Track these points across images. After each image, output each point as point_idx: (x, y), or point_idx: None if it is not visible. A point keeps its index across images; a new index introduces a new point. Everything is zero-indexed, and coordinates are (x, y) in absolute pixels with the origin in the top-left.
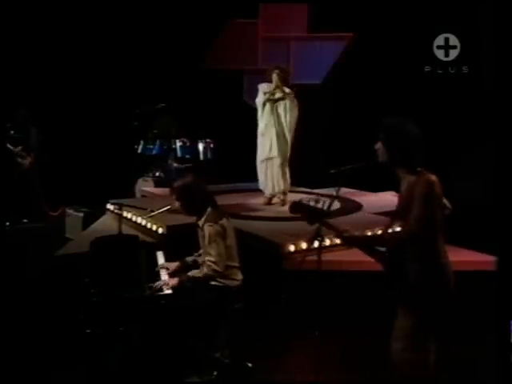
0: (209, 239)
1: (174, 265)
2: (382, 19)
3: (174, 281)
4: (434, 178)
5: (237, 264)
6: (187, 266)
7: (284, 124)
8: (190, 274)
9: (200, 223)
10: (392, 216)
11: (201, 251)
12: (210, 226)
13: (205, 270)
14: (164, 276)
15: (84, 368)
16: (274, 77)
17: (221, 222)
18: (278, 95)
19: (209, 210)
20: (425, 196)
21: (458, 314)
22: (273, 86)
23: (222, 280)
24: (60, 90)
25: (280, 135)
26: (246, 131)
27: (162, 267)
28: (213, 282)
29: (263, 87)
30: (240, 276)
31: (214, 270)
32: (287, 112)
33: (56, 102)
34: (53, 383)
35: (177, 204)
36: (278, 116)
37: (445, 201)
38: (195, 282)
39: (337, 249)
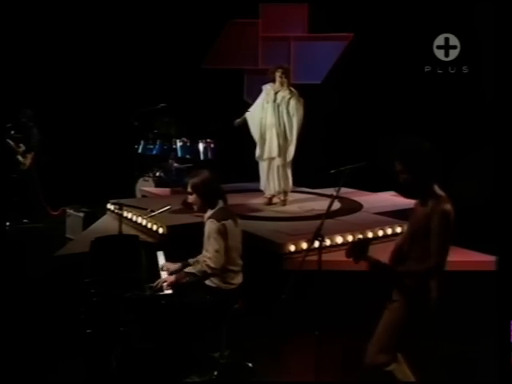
0: (208, 235)
1: (175, 266)
2: (382, 19)
3: (172, 278)
4: (449, 207)
5: (236, 268)
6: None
7: (287, 124)
8: (186, 270)
9: (205, 219)
10: (404, 236)
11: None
12: (212, 222)
13: (198, 266)
14: (164, 276)
15: (84, 368)
16: (278, 76)
17: (224, 221)
18: (281, 94)
19: (219, 206)
20: (443, 228)
21: (458, 314)
22: (276, 85)
23: (215, 281)
24: (60, 91)
25: (281, 136)
26: (246, 131)
27: (163, 268)
28: (207, 282)
29: (267, 88)
30: (238, 280)
31: (208, 267)
32: (294, 112)
33: (56, 102)
34: (53, 383)
35: (190, 198)
36: (280, 116)
37: None
38: (191, 277)
39: (337, 249)
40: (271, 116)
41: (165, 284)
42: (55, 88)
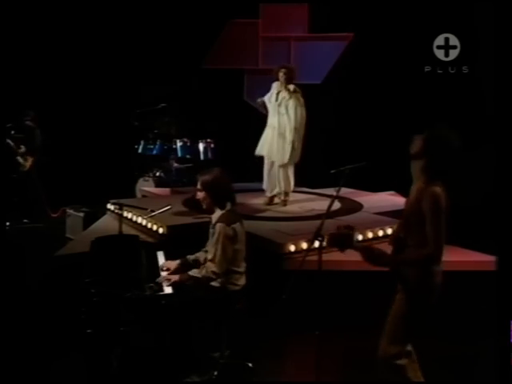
0: (217, 239)
1: (174, 263)
2: (383, 19)
3: (176, 277)
4: (438, 189)
5: (241, 269)
6: (188, 264)
7: (286, 125)
8: (190, 273)
9: (213, 220)
10: (400, 221)
11: (207, 247)
12: (221, 226)
13: (203, 271)
14: (165, 273)
15: (84, 368)
16: (281, 76)
17: (233, 225)
18: (282, 95)
19: (227, 207)
20: (435, 213)
21: (457, 313)
22: (279, 85)
23: (220, 281)
24: (60, 91)
25: (280, 137)
26: (246, 131)
27: (163, 267)
28: (212, 282)
29: (273, 86)
30: (242, 281)
31: (213, 272)
32: (292, 112)
33: (56, 102)
34: (53, 383)
35: (199, 195)
36: (280, 117)
37: None
38: (195, 281)
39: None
40: (271, 116)
41: (167, 282)
42: (55, 88)
